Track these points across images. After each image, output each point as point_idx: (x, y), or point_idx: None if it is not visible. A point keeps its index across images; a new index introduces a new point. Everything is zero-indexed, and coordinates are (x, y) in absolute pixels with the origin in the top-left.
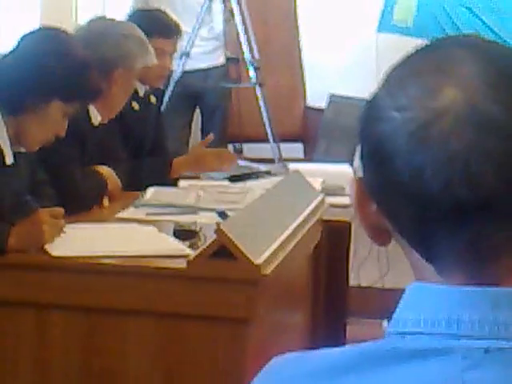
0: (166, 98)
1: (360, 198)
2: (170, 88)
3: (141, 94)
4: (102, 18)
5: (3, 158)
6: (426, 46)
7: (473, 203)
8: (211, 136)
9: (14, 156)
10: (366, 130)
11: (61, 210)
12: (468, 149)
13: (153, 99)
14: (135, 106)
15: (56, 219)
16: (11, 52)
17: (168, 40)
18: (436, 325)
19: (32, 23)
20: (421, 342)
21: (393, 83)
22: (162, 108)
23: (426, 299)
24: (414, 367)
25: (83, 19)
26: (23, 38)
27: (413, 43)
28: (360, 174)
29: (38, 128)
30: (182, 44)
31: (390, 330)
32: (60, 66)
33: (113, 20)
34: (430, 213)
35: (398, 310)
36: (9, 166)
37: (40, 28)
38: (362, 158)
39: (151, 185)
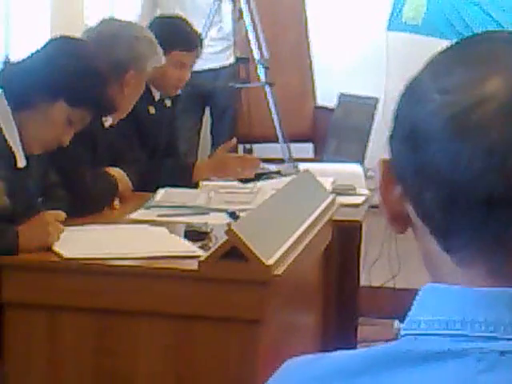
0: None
1: (385, 180)
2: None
3: (156, 98)
4: (112, 20)
5: (15, 161)
6: (472, 37)
7: (505, 197)
8: (234, 141)
9: (27, 159)
10: (404, 111)
11: (63, 215)
12: (506, 141)
13: (168, 103)
14: (151, 110)
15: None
16: (32, 53)
17: (189, 53)
18: (450, 326)
19: (42, 25)
20: (435, 343)
21: (437, 68)
22: None
23: (440, 300)
24: (428, 370)
25: (92, 21)
26: (47, 42)
27: (423, 41)
28: (388, 155)
29: (38, 127)
30: None
31: (403, 332)
32: (72, 67)
33: (122, 21)
34: (459, 201)
35: (411, 311)
36: (21, 168)
37: (65, 35)
38: (393, 139)
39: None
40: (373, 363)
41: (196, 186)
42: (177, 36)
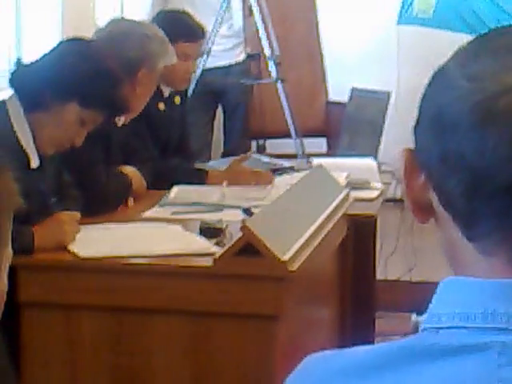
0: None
1: (409, 169)
2: (192, 86)
3: (166, 94)
4: (123, 19)
5: (28, 161)
6: (497, 29)
7: None
8: (249, 154)
9: (40, 159)
10: (430, 98)
11: (78, 215)
12: None
13: (177, 100)
14: (161, 106)
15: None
16: (44, 55)
17: (193, 44)
18: (471, 319)
19: (53, 27)
20: (456, 337)
21: (465, 56)
22: None
23: (461, 293)
24: (449, 364)
25: (102, 21)
26: (59, 44)
27: (434, 34)
28: (413, 144)
29: (50, 128)
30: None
31: (424, 326)
32: (83, 68)
33: (133, 20)
34: (483, 188)
35: (431, 304)
36: (34, 169)
37: (76, 36)
38: (419, 126)
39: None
40: (393, 358)
41: None
42: (179, 27)
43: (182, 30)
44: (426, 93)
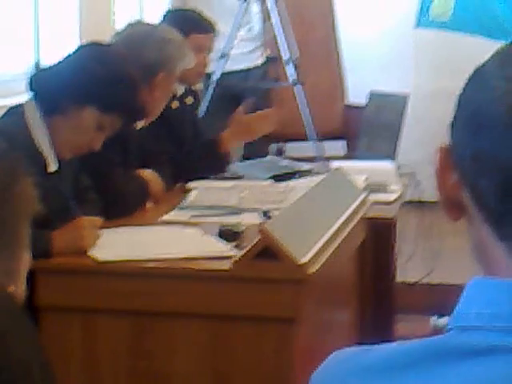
0: (205, 100)
1: (443, 166)
2: (210, 89)
3: (178, 93)
4: (141, 23)
5: (46, 165)
6: None
7: None
8: (248, 102)
9: (58, 163)
10: (469, 95)
11: (100, 220)
12: None
13: (189, 100)
14: (174, 105)
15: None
16: (63, 59)
17: (204, 36)
18: (499, 319)
19: (71, 31)
20: (483, 337)
21: (504, 57)
22: (203, 110)
23: (488, 293)
24: (476, 365)
25: (121, 23)
26: (78, 48)
27: (452, 38)
28: (448, 142)
29: (68, 132)
30: (220, 45)
31: (451, 326)
32: (102, 74)
33: (151, 24)
34: None
35: (459, 304)
36: (52, 172)
37: (95, 41)
38: (454, 124)
39: (203, 169)
40: (420, 356)
41: (226, 157)
42: (191, 21)
43: (193, 23)
44: (463, 91)
